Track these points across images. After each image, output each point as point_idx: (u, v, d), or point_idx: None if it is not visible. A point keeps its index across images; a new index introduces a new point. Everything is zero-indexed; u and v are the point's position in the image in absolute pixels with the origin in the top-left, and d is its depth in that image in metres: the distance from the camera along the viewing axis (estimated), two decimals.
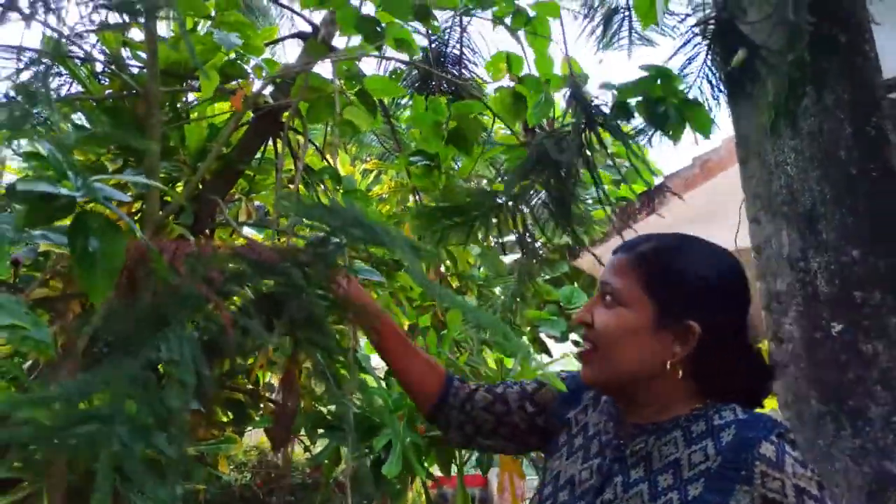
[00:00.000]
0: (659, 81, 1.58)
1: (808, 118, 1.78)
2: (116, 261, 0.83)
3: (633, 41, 1.97)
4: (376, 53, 1.96)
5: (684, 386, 0.98)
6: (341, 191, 1.66)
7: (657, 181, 4.46)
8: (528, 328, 4.34)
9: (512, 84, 1.95)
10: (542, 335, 4.51)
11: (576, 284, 5.17)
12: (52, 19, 1.59)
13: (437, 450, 2.40)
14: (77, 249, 0.81)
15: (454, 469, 2.51)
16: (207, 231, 1.92)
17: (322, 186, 1.81)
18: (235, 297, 0.92)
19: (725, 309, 0.98)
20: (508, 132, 2.31)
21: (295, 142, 2.11)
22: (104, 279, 0.82)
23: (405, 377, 1.22)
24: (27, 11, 1.58)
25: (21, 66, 1.67)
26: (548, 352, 4.55)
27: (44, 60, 1.84)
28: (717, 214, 2.55)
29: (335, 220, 0.95)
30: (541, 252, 3.39)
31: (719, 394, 0.98)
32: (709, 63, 1.82)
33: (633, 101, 1.63)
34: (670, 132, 1.61)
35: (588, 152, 1.69)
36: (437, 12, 2.03)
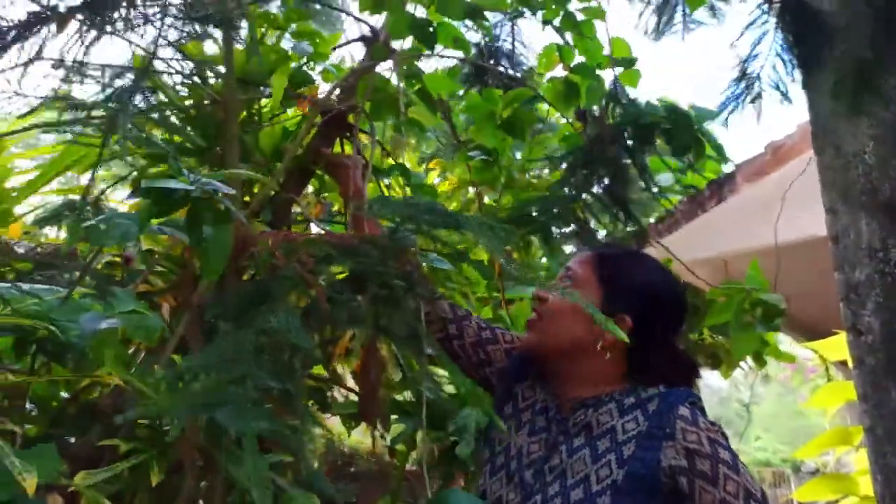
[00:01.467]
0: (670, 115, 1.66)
1: (889, 105, 1.74)
2: (227, 245, 0.95)
3: (687, 26, 1.99)
4: (430, 52, 2.05)
5: (613, 367, 1.14)
6: (409, 187, 1.77)
7: (729, 168, 4.40)
8: None
9: (564, 73, 2.01)
10: None
11: None
12: (136, 37, 1.77)
13: None
14: (193, 236, 0.94)
15: None
16: (285, 228, 2.07)
17: (387, 182, 1.92)
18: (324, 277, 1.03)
19: (657, 314, 1.17)
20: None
21: (368, 145, 2.23)
22: (217, 261, 0.94)
23: None
24: (116, 31, 1.75)
25: (111, 82, 1.85)
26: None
27: (132, 76, 2.01)
28: (789, 202, 2.53)
29: (411, 210, 1.06)
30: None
31: (645, 378, 1.15)
32: (779, 42, 1.82)
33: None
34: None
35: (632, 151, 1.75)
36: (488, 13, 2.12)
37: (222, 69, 1.92)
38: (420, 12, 2.05)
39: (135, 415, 0.80)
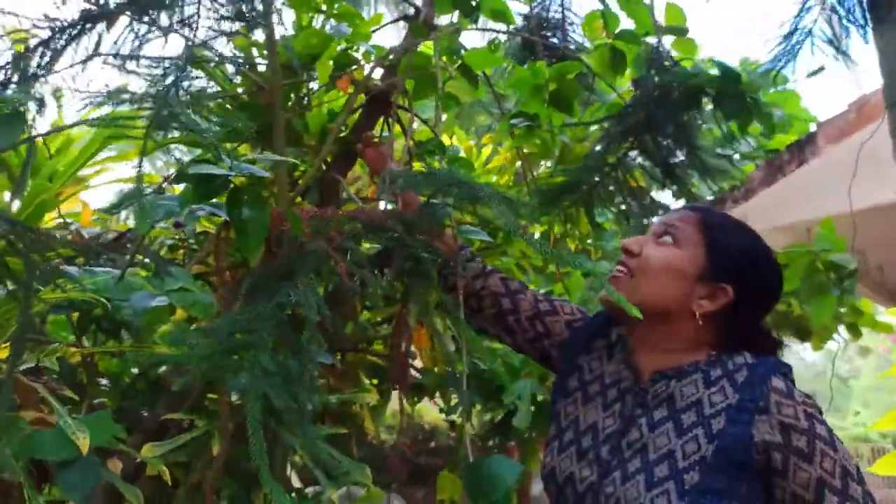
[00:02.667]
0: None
1: None
2: (264, 225, 1.00)
3: None
4: (474, 27, 2.04)
5: (699, 336, 1.07)
6: (446, 161, 1.77)
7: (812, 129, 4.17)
8: None
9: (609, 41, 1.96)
10: None
11: None
12: (185, 31, 1.84)
13: None
14: (234, 218, 0.99)
15: None
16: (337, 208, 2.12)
17: (430, 158, 1.94)
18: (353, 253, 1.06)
19: (758, 286, 1.10)
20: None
21: (406, 120, 2.25)
22: (255, 241, 0.99)
23: None
24: (166, 26, 1.83)
25: (163, 73, 1.93)
26: None
27: (182, 65, 2.09)
28: (878, 162, 2.36)
29: (435, 183, 1.07)
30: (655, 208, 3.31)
31: (730, 347, 1.08)
32: None
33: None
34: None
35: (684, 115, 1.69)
36: None
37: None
38: None
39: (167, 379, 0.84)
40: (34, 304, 1.09)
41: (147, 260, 1.67)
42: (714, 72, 1.66)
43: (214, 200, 1.07)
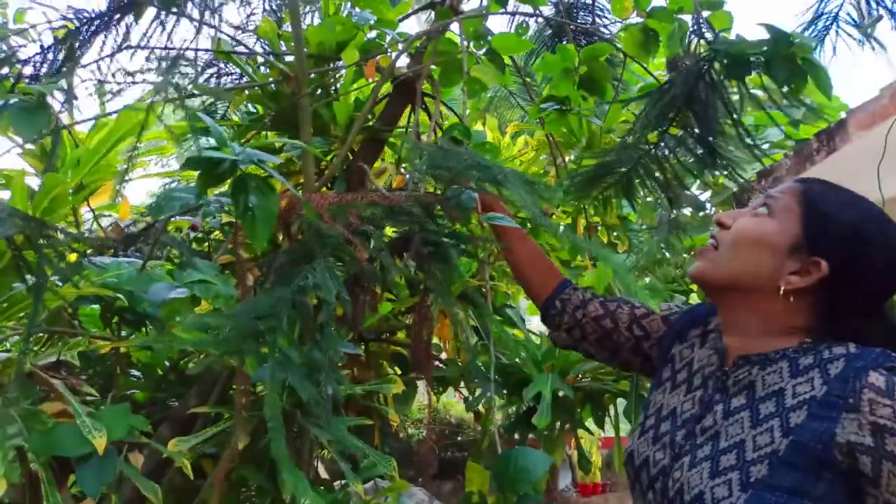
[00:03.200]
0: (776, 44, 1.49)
1: None
2: (272, 213, 0.97)
3: None
4: (502, 10, 1.99)
5: (792, 319, 0.98)
6: (471, 145, 1.73)
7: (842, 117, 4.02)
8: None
9: (641, 20, 1.89)
10: None
11: None
12: (215, 23, 1.83)
13: (592, 403, 2.43)
14: (239, 205, 0.97)
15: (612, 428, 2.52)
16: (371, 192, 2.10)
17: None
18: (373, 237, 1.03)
19: (864, 264, 0.97)
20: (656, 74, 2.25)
21: (433, 107, 2.22)
22: (263, 229, 0.96)
23: (522, 268, 1.33)
24: (197, 18, 1.83)
25: (195, 65, 1.94)
26: None
27: (212, 59, 2.10)
28: None
29: (455, 163, 1.03)
30: (693, 199, 3.23)
31: (832, 335, 0.97)
32: None
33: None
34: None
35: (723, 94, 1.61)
36: None
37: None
38: None
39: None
40: (53, 298, 1.09)
41: (174, 251, 1.67)
42: (761, 38, 1.56)
43: (228, 191, 1.05)
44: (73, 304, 1.33)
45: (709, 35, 1.56)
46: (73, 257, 1.45)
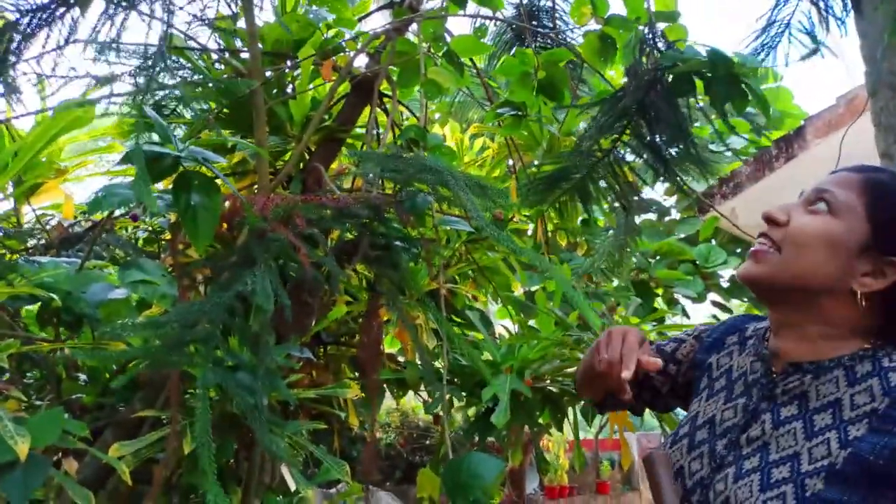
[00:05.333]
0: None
1: None
2: (214, 213, 0.94)
3: None
4: (462, 13, 1.99)
5: (853, 322, 0.91)
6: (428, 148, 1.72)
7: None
8: (662, 289, 4.22)
9: (599, 27, 1.91)
10: (678, 296, 4.36)
11: (713, 242, 4.92)
12: (166, 18, 1.79)
13: (551, 405, 2.44)
14: (181, 204, 0.94)
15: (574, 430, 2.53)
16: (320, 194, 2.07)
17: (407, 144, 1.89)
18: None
19: None
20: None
21: (393, 108, 2.20)
22: (205, 230, 0.93)
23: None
24: (147, 12, 1.78)
25: (145, 62, 1.88)
26: (685, 312, 4.40)
27: (165, 55, 2.04)
28: (868, 156, 2.31)
29: (407, 168, 1.01)
30: (648, 205, 3.28)
31: (891, 342, 0.90)
32: None
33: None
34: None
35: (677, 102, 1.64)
36: None
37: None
38: None
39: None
40: None
41: (120, 251, 1.62)
42: (703, 55, 1.61)
43: (168, 189, 1.01)
44: (8, 303, 1.27)
45: (661, 45, 1.57)
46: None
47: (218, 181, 1.03)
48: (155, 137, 1.07)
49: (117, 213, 1.55)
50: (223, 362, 0.82)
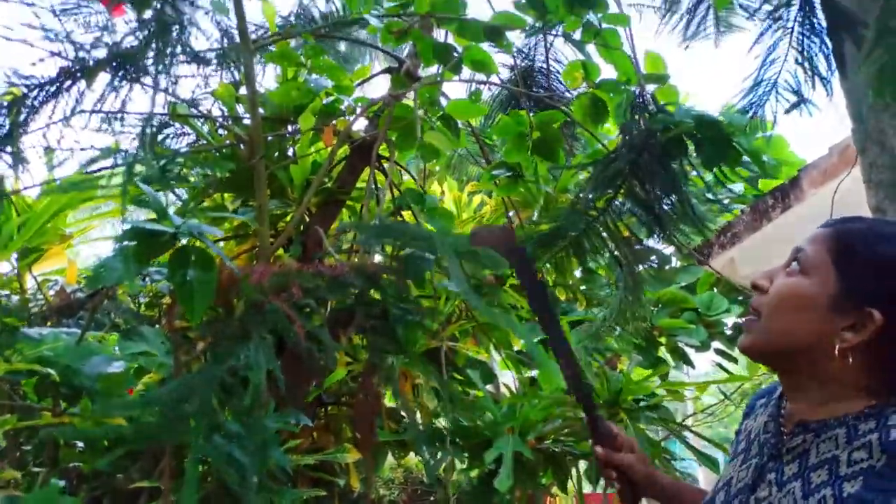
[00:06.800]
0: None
1: None
2: (210, 287, 0.95)
3: (720, 30, 1.92)
4: (457, 78, 2.04)
5: (855, 379, 0.89)
6: (425, 211, 1.75)
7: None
8: (665, 338, 4.19)
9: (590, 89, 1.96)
10: (682, 345, 4.33)
11: (715, 290, 4.90)
12: (171, 90, 1.84)
13: (554, 465, 2.40)
14: (176, 280, 0.95)
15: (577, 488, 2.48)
16: (317, 261, 2.09)
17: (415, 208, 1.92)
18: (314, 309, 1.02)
19: None
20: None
21: (392, 170, 2.24)
22: (200, 303, 0.94)
23: None
24: (150, 83, 1.83)
25: (149, 129, 1.93)
26: (689, 362, 4.35)
27: (167, 122, 2.10)
28: (862, 205, 2.34)
29: (392, 235, 1.03)
30: (646, 255, 3.30)
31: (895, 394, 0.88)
32: (794, 45, 1.74)
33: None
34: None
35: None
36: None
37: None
38: (449, 39, 2.06)
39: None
40: None
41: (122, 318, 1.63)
42: (691, 119, 1.65)
43: (161, 262, 1.03)
44: (7, 377, 1.28)
45: (652, 107, 1.62)
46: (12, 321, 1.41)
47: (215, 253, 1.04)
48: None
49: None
50: (219, 430, 0.82)
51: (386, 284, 1.03)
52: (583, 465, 2.37)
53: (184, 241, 1.03)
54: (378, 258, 2.08)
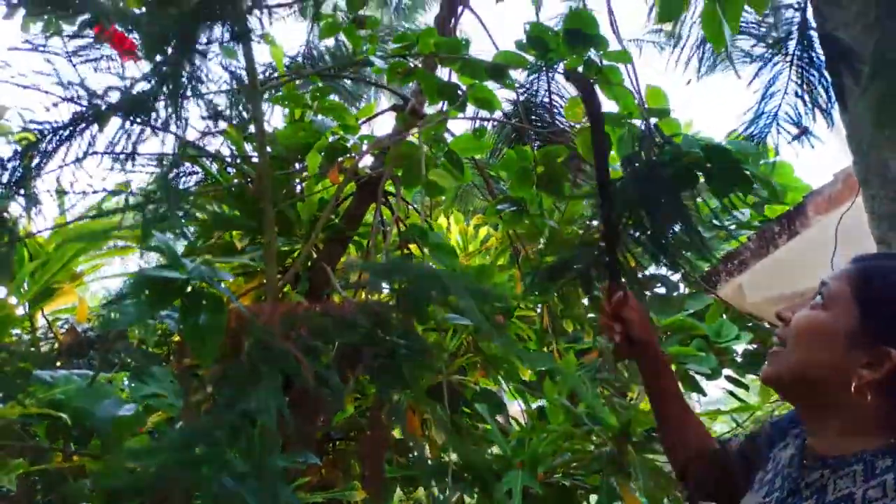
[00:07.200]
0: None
1: None
2: (220, 331, 0.97)
3: (714, 65, 1.96)
4: (462, 115, 2.08)
5: (874, 416, 0.89)
6: (429, 247, 1.77)
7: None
8: (675, 365, 4.17)
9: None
10: (692, 372, 4.30)
11: (724, 317, 4.87)
12: (182, 133, 1.89)
13: (563, 499, 2.38)
14: (187, 325, 0.97)
15: None
16: (325, 297, 2.11)
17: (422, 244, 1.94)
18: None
19: None
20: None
21: (397, 206, 2.27)
22: (210, 346, 0.96)
23: (668, 433, 1.26)
24: (160, 124, 1.88)
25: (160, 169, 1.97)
26: (700, 390, 4.32)
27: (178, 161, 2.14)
28: (868, 233, 2.34)
29: (403, 276, 1.05)
30: (653, 282, 3.30)
31: None
32: (794, 78, 1.77)
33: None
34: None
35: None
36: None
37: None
38: (453, 76, 2.10)
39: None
40: None
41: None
42: (698, 148, 1.67)
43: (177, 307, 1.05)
44: (20, 420, 1.29)
45: (658, 139, 1.64)
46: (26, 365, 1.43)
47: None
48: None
49: None
50: (228, 470, 0.83)
51: (392, 323, 1.04)
52: (593, 498, 2.35)
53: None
54: (385, 290, 2.10)
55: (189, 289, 1.01)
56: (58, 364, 1.56)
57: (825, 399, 0.92)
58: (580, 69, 1.96)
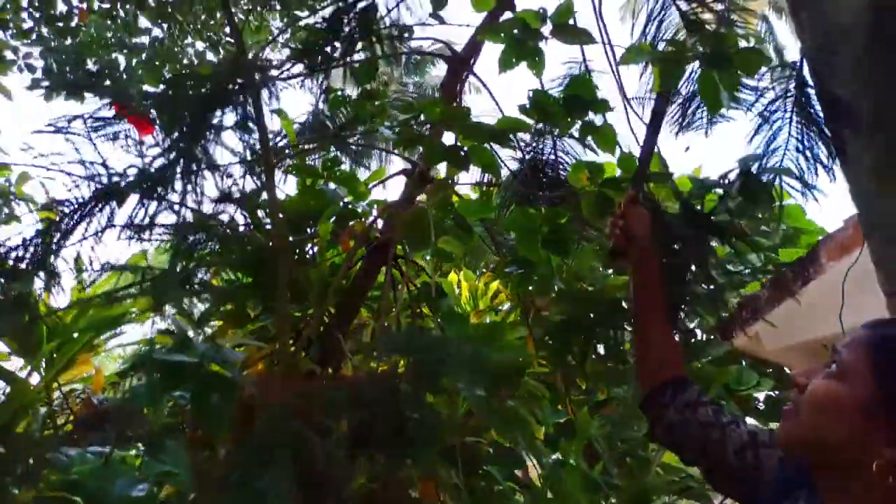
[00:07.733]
0: None
1: None
2: (230, 409, 0.99)
3: (712, 121, 2.01)
4: (468, 180, 2.13)
5: (892, 494, 0.82)
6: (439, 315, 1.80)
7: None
8: None
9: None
10: None
11: (743, 363, 4.78)
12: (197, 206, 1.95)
13: None
14: (200, 408, 0.99)
15: None
16: (336, 367, 2.12)
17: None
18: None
19: None
20: None
21: (407, 268, 2.30)
22: (220, 425, 0.98)
23: (644, 347, 1.26)
24: (178, 199, 1.95)
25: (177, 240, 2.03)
26: None
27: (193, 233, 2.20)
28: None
29: (411, 348, 1.07)
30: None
31: None
32: (794, 134, 1.81)
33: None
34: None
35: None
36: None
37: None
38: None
39: None
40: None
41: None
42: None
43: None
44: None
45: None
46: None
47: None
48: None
49: None
50: None
51: (403, 394, 1.06)
52: None
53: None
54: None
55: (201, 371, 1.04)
56: (74, 437, 1.57)
57: (846, 476, 0.87)
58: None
